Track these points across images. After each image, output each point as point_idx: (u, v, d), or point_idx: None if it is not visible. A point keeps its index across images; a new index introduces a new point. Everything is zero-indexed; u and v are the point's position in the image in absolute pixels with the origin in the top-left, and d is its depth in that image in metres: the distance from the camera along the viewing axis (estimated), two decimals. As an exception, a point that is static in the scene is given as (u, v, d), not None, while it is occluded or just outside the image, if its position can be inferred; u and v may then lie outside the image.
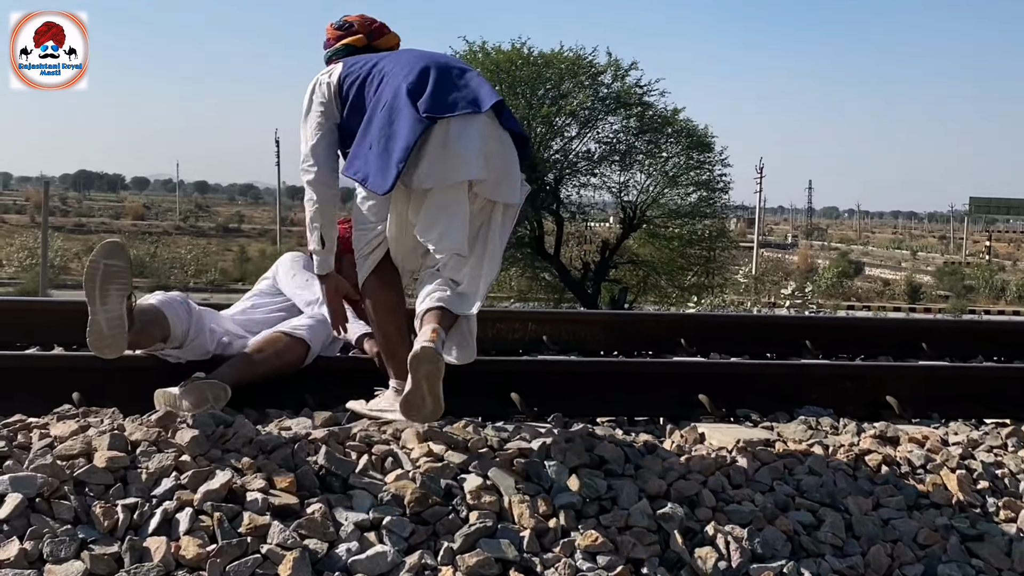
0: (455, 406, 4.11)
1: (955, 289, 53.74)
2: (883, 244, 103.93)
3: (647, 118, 26.17)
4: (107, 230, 66.04)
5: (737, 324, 6.62)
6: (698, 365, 4.71)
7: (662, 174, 26.63)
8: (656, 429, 4.22)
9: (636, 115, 26.07)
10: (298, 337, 4.11)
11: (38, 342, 5.51)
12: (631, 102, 25.81)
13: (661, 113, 26.37)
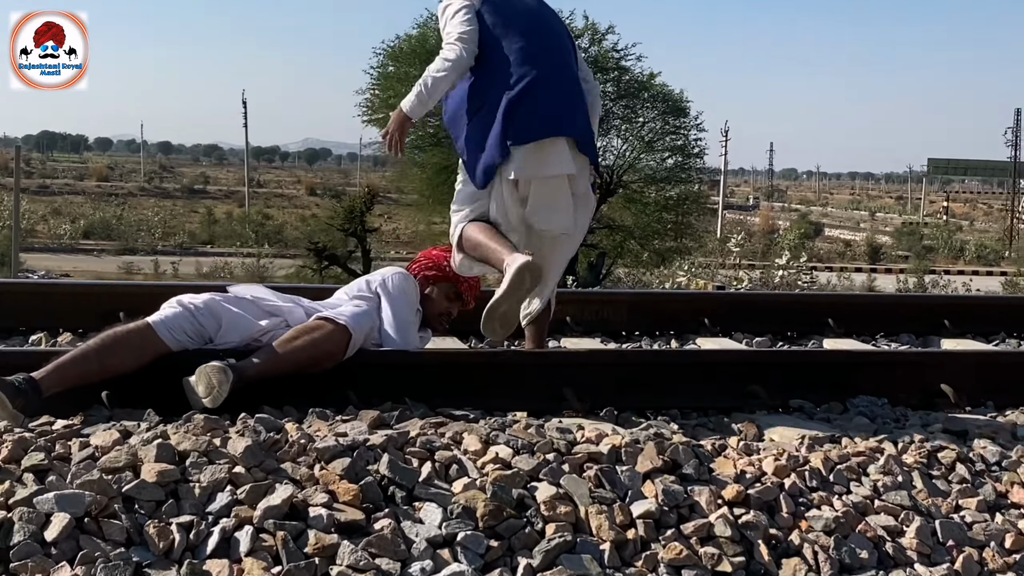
0: (505, 402, 3.96)
1: (914, 249, 54.15)
2: (841, 205, 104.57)
3: (624, 83, 25.95)
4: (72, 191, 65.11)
5: (760, 303, 6.48)
6: (751, 354, 4.54)
7: (638, 139, 26.47)
8: (710, 422, 4.06)
9: (613, 80, 25.83)
10: (341, 324, 3.82)
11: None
12: (608, 67, 25.56)
13: (637, 78, 26.17)
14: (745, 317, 6.20)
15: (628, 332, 6.14)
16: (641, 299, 6.39)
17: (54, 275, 35.60)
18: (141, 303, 5.38)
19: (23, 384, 3.35)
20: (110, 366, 3.56)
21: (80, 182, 73.09)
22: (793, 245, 48.33)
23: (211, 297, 3.94)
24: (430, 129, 25.69)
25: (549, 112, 4.27)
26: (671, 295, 6.66)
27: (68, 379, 3.49)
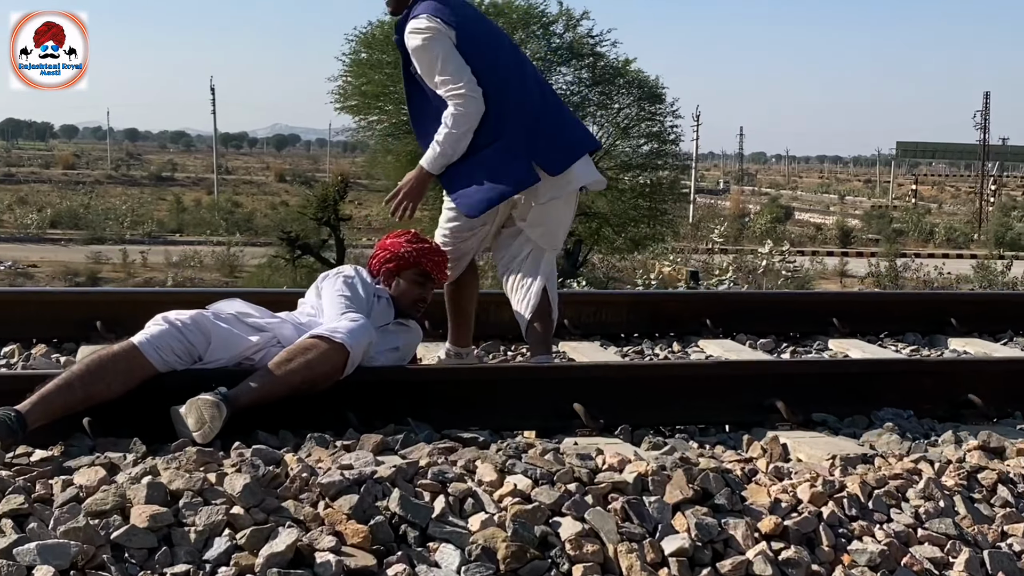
0: (513, 420, 3.74)
1: (884, 233, 54.33)
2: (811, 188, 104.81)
3: (599, 69, 25.73)
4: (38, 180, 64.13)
5: (763, 303, 6.28)
6: (770, 365, 4.32)
7: (614, 125, 26.27)
8: (730, 438, 3.84)
9: (588, 66, 25.60)
10: (337, 342, 3.55)
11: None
12: (583, 52, 25.33)
13: (612, 64, 25.96)
14: (747, 318, 6.00)
15: (627, 334, 5.92)
16: (640, 300, 6.18)
17: (21, 265, 35.09)
18: (117, 311, 5.16)
19: (14, 422, 3.08)
20: (96, 393, 3.29)
21: (46, 170, 72.09)
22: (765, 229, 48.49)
23: (198, 313, 3.66)
24: (403, 116, 25.40)
25: (573, 135, 4.50)
26: (671, 295, 6.45)
27: (53, 411, 3.22)
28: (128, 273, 33.77)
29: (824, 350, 5.83)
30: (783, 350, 5.79)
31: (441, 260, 4.37)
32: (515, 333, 5.75)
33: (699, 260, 34.73)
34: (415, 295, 4.29)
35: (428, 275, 4.31)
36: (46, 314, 5.17)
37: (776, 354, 5.70)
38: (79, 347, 5.02)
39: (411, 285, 4.29)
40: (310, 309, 4.10)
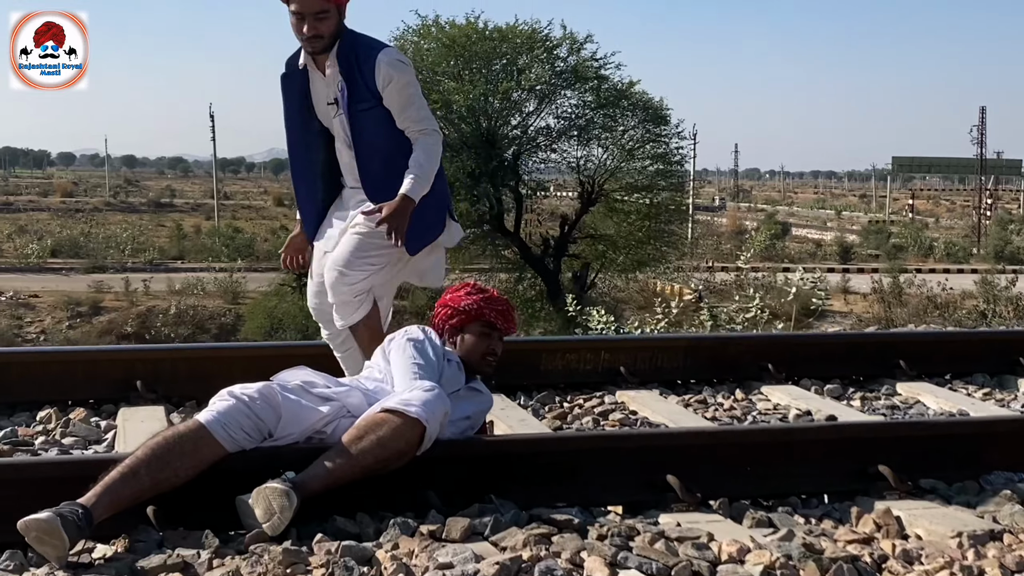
0: (601, 493, 3.47)
1: (883, 248, 54.18)
2: (806, 204, 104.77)
3: (603, 91, 25.58)
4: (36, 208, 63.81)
5: (825, 344, 6.01)
6: (873, 428, 4.04)
7: (619, 147, 26.11)
8: (835, 510, 3.58)
9: (592, 88, 25.46)
10: (411, 416, 3.27)
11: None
12: (588, 76, 25.19)
13: (616, 86, 25.82)
14: (811, 361, 5.74)
15: (685, 380, 5.66)
16: (698, 344, 5.89)
17: (22, 296, 34.78)
18: (158, 369, 4.90)
19: (81, 519, 2.80)
20: (163, 480, 3.02)
21: (44, 198, 71.84)
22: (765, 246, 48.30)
23: (265, 385, 3.38)
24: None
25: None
26: (730, 339, 6.18)
27: (120, 502, 2.95)
28: (131, 302, 33.45)
29: (893, 395, 5.57)
30: (851, 396, 5.53)
31: (506, 309, 4.07)
32: (568, 381, 5.54)
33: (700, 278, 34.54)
34: (483, 348, 3.99)
35: (493, 325, 4.03)
36: (82, 374, 4.88)
37: (845, 401, 5.43)
38: (119, 408, 4.75)
39: (478, 339, 3.99)
40: (377, 374, 3.82)
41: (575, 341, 5.99)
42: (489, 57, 24.82)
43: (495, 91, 24.35)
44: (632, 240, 26.92)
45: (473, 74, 24.54)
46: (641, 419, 4.95)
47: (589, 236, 27.01)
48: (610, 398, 5.34)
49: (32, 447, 4.28)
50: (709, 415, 5.05)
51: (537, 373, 5.47)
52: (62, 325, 32.27)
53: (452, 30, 24.72)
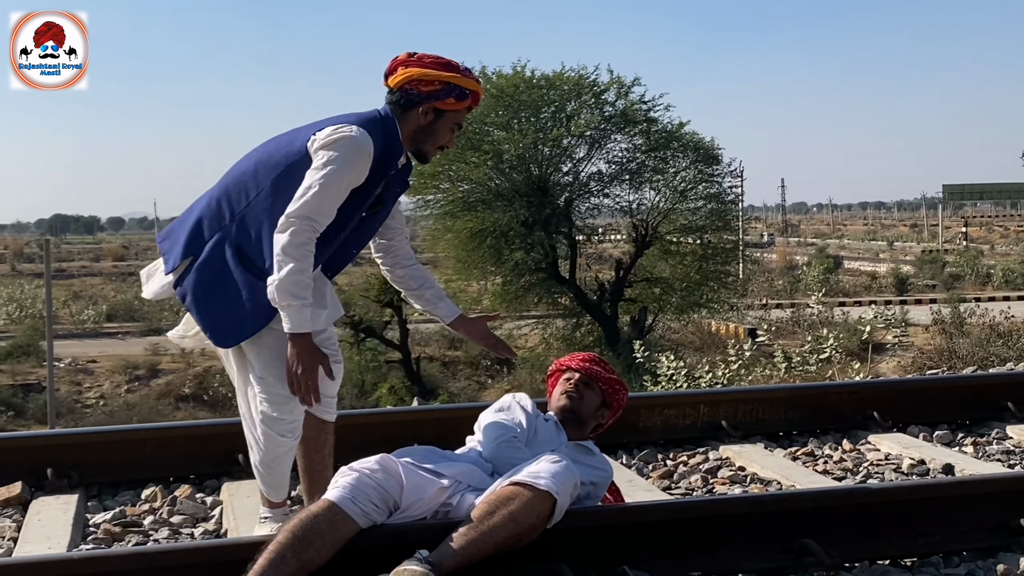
0: (735, 561, 3.36)
1: (939, 278, 53.44)
2: (857, 236, 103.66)
3: (653, 134, 25.60)
4: (88, 273, 64.76)
5: (931, 389, 5.85)
6: (1014, 480, 3.89)
7: (671, 189, 26.06)
8: (979, 567, 3.44)
9: (642, 131, 25.49)
10: (542, 489, 3.18)
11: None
12: (637, 119, 25.22)
13: (666, 128, 25.82)
14: (918, 407, 5.60)
15: (787, 432, 5.53)
16: (800, 394, 5.77)
17: (81, 362, 35.18)
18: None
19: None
20: (307, 561, 2.96)
21: (96, 263, 72.89)
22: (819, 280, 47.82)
23: (383, 456, 3.33)
24: (460, 194, 25.35)
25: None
26: (832, 387, 6.05)
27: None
28: (187, 363, 33.70)
29: (1004, 438, 5.40)
30: (962, 442, 5.37)
31: (583, 356, 4.02)
32: (668, 437, 5.43)
33: (755, 316, 34.23)
34: (559, 391, 3.92)
35: (567, 367, 3.97)
36: (182, 450, 4.86)
37: (957, 447, 5.28)
38: (222, 483, 4.71)
39: (557, 387, 3.96)
40: (476, 445, 3.76)
41: (673, 396, 5.88)
42: (537, 105, 24.95)
43: (545, 139, 24.45)
44: (687, 281, 26.79)
45: (522, 123, 24.67)
46: (751, 475, 4.83)
47: (645, 279, 26.92)
48: (714, 453, 5.22)
49: (142, 527, 4.24)
50: (820, 468, 4.92)
51: (636, 430, 5.37)
52: (121, 389, 32.60)
53: (500, 80, 24.88)
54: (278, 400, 3.57)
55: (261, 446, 3.69)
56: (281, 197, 3.48)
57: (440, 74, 3.57)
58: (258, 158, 3.62)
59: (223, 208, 3.59)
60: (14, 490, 4.47)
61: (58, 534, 4.03)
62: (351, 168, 3.45)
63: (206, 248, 3.57)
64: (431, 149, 3.71)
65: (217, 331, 3.58)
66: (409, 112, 3.60)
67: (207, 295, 3.56)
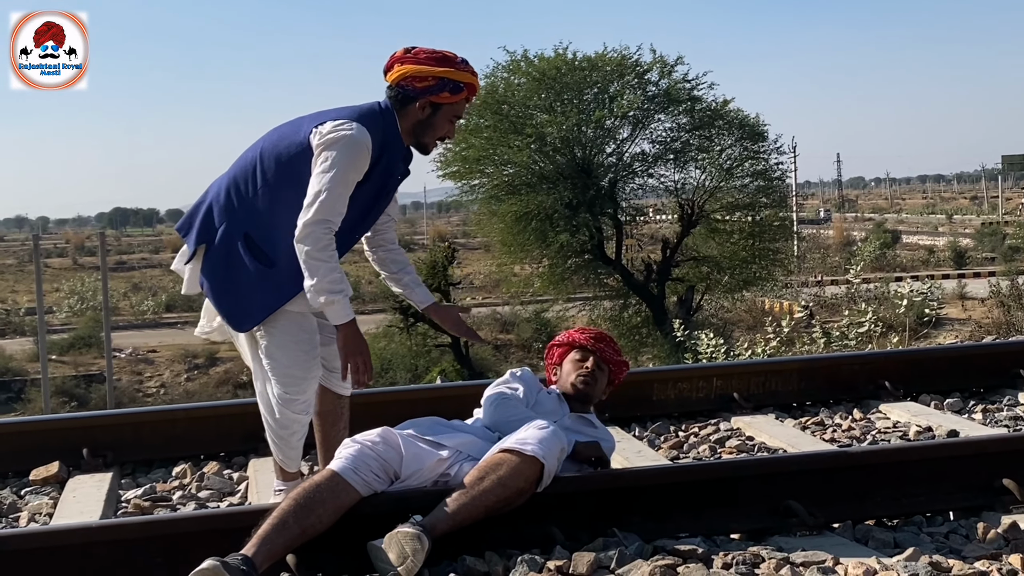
0: (721, 522, 3.50)
1: (999, 251, 52.57)
2: (915, 210, 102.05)
3: (697, 113, 25.53)
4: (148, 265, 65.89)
5: (942, 359, 5.92)
6: (998, 442, 3.99)
7: (717, 167, 25.97)
8: (961, 528, 3.54)
9: (686, 110, 25.43)
10: (528, 455, 3.36)
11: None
12: (680, 98, 25.16)
13: (711, 106, 25.73)
14: (928, 376, 5.69)
15: (800, 403, 5.64)
16: (812, 365, 5.87)
17: (141, 352, 35.95)
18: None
19: (246, 566, 2.96)
20: (310, 527, 3.17)
21: (156, 255, 74.08)
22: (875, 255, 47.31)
23: (384, 429, 3.53)
24: (505, 178, 25.49)
25: None
26: (844, 358, 6.13)
27: (276, 552, 3.10)
28: (245, 352, 34.27)
29: (1016, 405, 5.47)
30: (972, 409, 5.45)
31: (599, 334, 4.16)
32: (682, 410, 5.57)
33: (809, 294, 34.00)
34: (575, 370, 4.06)
35: (583, 347, 4.10)
36: (212, 429, 5.09)
37: (967, 415, 5.36)
38: (248, 460, 4.94)
39: (571, 365, 4.09)
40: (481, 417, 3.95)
41: (687, 369, 6.01)
42: (580, 87, 24.99)
43: (588, 120, 24.50)
44: (736, 260, 26.70)
45: (565, 105, 24.72)
46: (759, 444, 4.96)
47: (692, 259, 26.89)
48: (725, 424, 5.36)
49: (171, 502, 4.48)
50: (828, 437, 5.03)
51: (650, 403, 5.51)
52: (180, 378, 33.30)
53: (542, 63, 24.95)
54: (291, 380, 3.79)
55: (276, 423, 3.90)
56: (285, 186, 3.71)
57: (433, 69, 3.73)
58: (263, 147, 3.82)
59: (231, 196, 3.79)
60: (52, 469, 4.73)
61: (91, 509, 4.28)
62: (353, 166, 3.63)
63: (217, 236, 3.78)
64: (431, 141, 3.88)
65: (233, 317, 3.80)
66: (407, 107, 3.78)
67: (221, 282, 3.79)
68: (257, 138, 3.91)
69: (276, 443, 3.97)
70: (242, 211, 3.77)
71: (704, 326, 21.43)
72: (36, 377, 28.29)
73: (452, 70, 3.75)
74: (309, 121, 3.77)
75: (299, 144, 3.71)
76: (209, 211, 3.84)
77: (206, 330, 4.08)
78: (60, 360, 33.08)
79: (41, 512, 4.33)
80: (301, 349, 3.79)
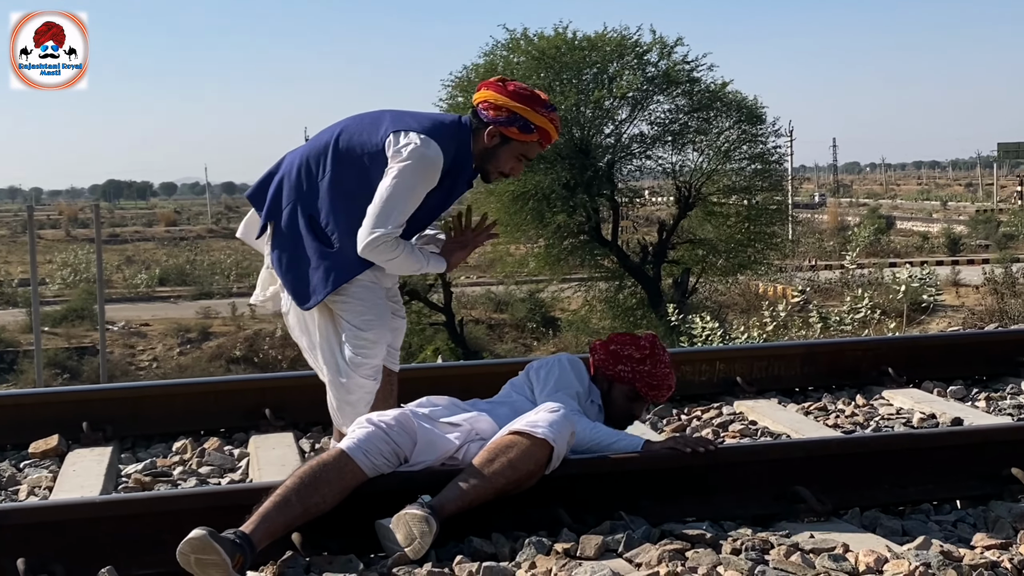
0: (729, 507, 3.49)
1: (993, 238, 52.67)
2: (910, 196, 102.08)
3: (696, 94, 25.46)
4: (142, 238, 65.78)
5: (945, 346, 5.92)
6: (1006, 431, 3.98)
7: (715, 150, 25.93)
8: (969, 515, 3.53)
9: (685, 92, 25.36)
10: (539, 438, 3.34)
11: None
12: (679, 80, 25.09)
13: (709, 88, 25.66)
14: (931, 363, 5.68)
15: (803, 388, 5.63)
16: (815, 350, 5.86)
17: (134, 325, 35.86)
18: (284, 397, 5.05)
19: (241, 540, 2.93)
20: (312, 506, 3.14)
21: (149, 228, 73.96)
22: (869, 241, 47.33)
23: (401, 412, 3.50)
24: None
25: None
26: (847, 344, 6.12)
27: (275, 530, 3.07)
28: (238, 326, 34.27)
29: (1019, 393, 5.46)
30: (975, 397, 5.44)
31: (660, 383, 4.00)
32: (684, 393, 5.54)
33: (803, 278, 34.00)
34: (626, 410, 4.00)
35: (639, 395, 4.02)
36: (212, 405, 5.06)
37: (970, 402, 5.35)
38: (249, 436, 4.91)
39: (624, 402, 3.98)
40: (515, 395, 3.89)
41: (690, 352, 5.99)
42: (579, 67, 24.90)
43: (587, 100, 24.43)
44: (732, 243, 26.68)
45: (564, 85, 24.62)
46: (762, 429, 4.95)
47: (688, 241, 26.86)
48: (728, 408, 5.34)
49: (171, 477, 4.45)
50: (831, 422, 5.02)
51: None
52: (173, 352, 33.23)
53: (541, 42, 24.84)
54: (363, 344, 3.92)
55: (344, 388, 3.98)
56: (352, 179, 3.86)
57: (509, 102, 3.81)
58: (340, 135, 3.94)
59: (301, 175, 3.93)
60: (51, 442, 4.70)
61: (91, 483, 4.24)
62: (423, 182, 3.78)
63: (284, 215, 3.93)
64: (494, 171, 4.01)
65: (298, 293, 3.93)
66: (480, 131, 3.88)
67: (289, 259, 3.92)
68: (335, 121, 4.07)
69: (343, 410, 4.01)
70: (309, 193, 3.91)
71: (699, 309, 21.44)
72: (28, 349, 28.24)
73: (528, 109, 3.82)
74: (390, 122, 3.88)
75: (374, 144, 3.84)
76: (280, 186, 3.99)
77: (260, 299, 4.27)
78: (53, 332, 32.99)
79: (40, 486, 4.30)
80: (374, 314, 3.93)
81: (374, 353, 3.95)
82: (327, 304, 3.92)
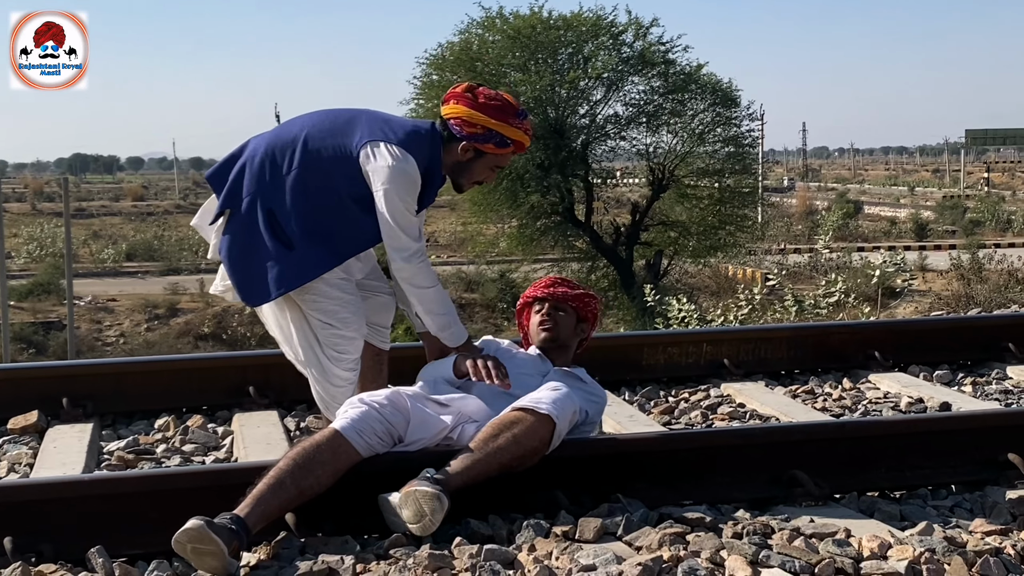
0: (726, 490, 3.46)
1: (960, 224, 53.12)
2: (878, 181, 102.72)
3: (671, 76, 25.46)
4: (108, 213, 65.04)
5: (932, 330, 5.93)
6: (1002, 416, 3.98)
7: (689, 132, 25.96)
8: (966, 500, 3.53)
9: (660, 73, 25.35)
10: (543, 414, 3.28)
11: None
12: (655, 61, 25.07)
13: (684, 70, 25.67)
14: (918, 347, 5.68)
15: (789, 371, 5.62)
16: (802, 333, 5.85)
17: (101, 300, 35.51)
18: (269, 375, 4.97)
19: (235, 525, 2.87)
20: (307, 488, 3.07)
21: (116, 203, 73.13)
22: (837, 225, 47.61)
23: (392, 391, 3.45)
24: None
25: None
26: (834, 327, 6.12)
27: (271, 512, 3.01)
28: (206, 303, 33.94)
29: (1004, 379, 5.48)
30: (961, 382, 5.45)
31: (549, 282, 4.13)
32: (671, 375, 5.52)
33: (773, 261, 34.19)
34: (535, 322, 4.03)
35: (535, 298, 4.06)
36: (195, 381, 4.98)
37: (956, 387, 5.36)
38: (233, 414, 4.84)
39: (532, 317, 4.06)
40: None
41: (677, 335, 5.97)
42: (555, 47, 24.83)
43: (562, 81, 24.36)
44: (704, 225, 26.77)
45: (539, 65, 24.55)
46: (750, 412, 4.93)
47: (661, 223, 26.91)
48: (715, 391, 5.32)
49: (154, 455, 4.37)
50: (819, 406, 5.01)
51: (639, 368, 5.47)
52: (140, 328, 32.94)
53: (516, 21, 24.75)
54: (339, 340, 3.85)
55: (327, 381, 3.92)
56: (317, 180, 3.75)
57: (485, 119, 3.73)
58: (309, 131, 3.81)
59: (265, 166, 3.79)
60: (31, 418, 4.60)
61: (73, 460, 4.16)
62: (409, 194, 3.73)
63: (243, 205, 3.78)
64: (467, 183, 3.96)
65: (244, 289, 3.83)
66: (452, 144, 3.80)
67: (240, 252, 3.80)
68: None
69: (328, 401, 3.96)
70: (271, 186, 3.78)
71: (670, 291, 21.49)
72: (-6, 323, 27.89)
73: (504, 124, 3.75)
74: (365, 129, 3.78)
75: (346, 150, 3.75)
76: (241, 173, 3.84)
77: (220, 288, 4.07)
78: (18, 307, 32.59)
79: (21, 463, 4.21)
80: (348, 311, 3.85)
81: (351, 348, 3.90)
82: (295, 300, 3.84)
